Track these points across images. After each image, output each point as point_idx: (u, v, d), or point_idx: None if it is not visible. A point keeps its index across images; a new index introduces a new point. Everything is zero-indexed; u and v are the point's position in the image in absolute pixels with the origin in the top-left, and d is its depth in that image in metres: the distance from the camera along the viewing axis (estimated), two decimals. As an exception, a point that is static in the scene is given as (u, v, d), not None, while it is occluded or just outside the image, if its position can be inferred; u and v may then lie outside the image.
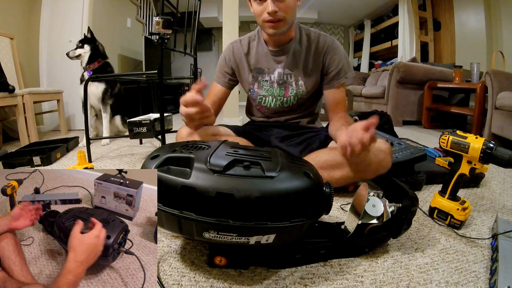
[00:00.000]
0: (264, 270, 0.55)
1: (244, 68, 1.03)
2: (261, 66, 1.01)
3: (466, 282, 0.52)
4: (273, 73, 0.99)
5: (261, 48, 1.00)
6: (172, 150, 0.50)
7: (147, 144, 1.87)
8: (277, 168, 0.46)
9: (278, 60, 0.99)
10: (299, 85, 0.99)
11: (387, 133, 1.26)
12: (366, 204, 0.57)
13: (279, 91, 1.01)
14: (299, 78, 0.99)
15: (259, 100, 1.04)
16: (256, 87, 1.03)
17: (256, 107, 1.09)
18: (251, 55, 1.01)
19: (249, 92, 1.06)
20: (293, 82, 0.99)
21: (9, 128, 2.14)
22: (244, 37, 1.04)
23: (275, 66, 0.99)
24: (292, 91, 1.00)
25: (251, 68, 1.02)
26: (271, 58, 0.99)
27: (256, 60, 1.01)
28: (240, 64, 1.03)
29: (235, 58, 1.03)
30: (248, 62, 1.02)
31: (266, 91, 1.02)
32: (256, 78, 1.02)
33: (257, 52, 1.00)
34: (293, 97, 1.01)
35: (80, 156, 1.22)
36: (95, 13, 2.59)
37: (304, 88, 0.99)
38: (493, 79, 1.75)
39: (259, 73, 1.01)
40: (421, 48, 3.99)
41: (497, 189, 1.02)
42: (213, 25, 5.77)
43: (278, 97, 1.02)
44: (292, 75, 0.99)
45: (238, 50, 1.03)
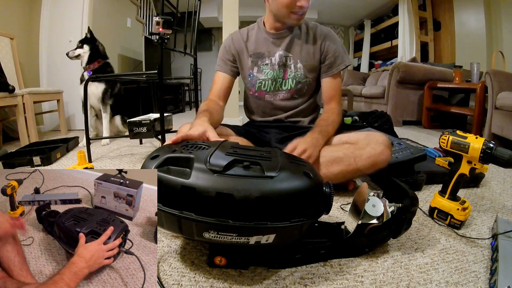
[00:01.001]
0: (264, 270, 0.55)
1: (243, 54, 1.04)
2: (261, 51, 1.02)
3: (466, 282, 0.52)
4: (273, 55, 1.01)
5: (260, 34, 1.03)
6: (172, 150, 0.50)
7: (147, 144, 1.87)
8: (277, 168, 0.46)
9: (278, 43, 1.01)
10: (297, 67, 1.01)
11: (387, 133, 1.26)
12: (366, 204, 0.57)
13: (278, 72, 1.02)
14: (298, 61, 1.00)
15: (258, 84, 1.04)
16: (255, 71, 1.04)
17: (255, 94, 1.07)
18: (250, 41, 1.04)
19: (249, 78, 1.06)
20: (292, 65, 1.01)
21: (9, 128, 2.14)
22: (243, 29, 1.08)
23: (275, 49, 1.01)
24: (290, 73, 1.01)
25: (250, 54, 1.04)
26: (270, 42, 1.01)
27: (255, 45, 1.03)
28: (240, 50, 1.05)
29: (235, 45, 1.05)
30: (247, 48, 1.04)
31: (265, 75, 1.03)
32: (255, 63, 1.03)
33: (256, 38, 1.03)
34: (291, 80, 1.02)
35: (80, 156, 1.22)
36: (95, 13, 2.59)
37: (302, 71, 1.00)
38: (493, 79, 1.75)
39: (259, 57, 1.03)
40: (421, 48, 3.99)
41: (497, 189, 1.02)
42: (213, 25, 5.78)
43: (277, 79, 1.03)
44: (291, 58, 1.01)
45: (237, 38, 1.05)
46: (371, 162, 0.82)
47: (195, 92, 2.33)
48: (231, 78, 1.06)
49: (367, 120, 1.85)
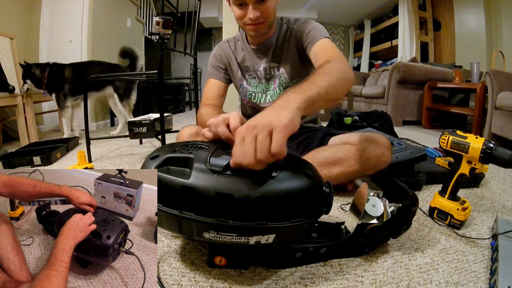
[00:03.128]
0: (264, 270, 0.55)
1: (234, 63, 1.04)
2: (246, 64, 1.02)
3: (466, 282, 0.52)
4: (258, 69, 1.01)
5: (244, 47, 1.02)
6: (172, 150, 0.50)
7: (147, 144, 1.87)
8: (277, 168, 0.46)
9: (261, 56, 1.00)
10: (280, 74, 1.00)
11: (387, 133, 1.26)
12: (366, 204, 0.57)
13: (268, 85, 1.02)
14: (280, 68, 1.00)
15: (249, 96, 1.05)
16: (245, 83, 1.04)
17: (248, 104, 1.08)
18: (237, 53, 1.03)
19: (240, 88, 1.06)
20: (278, 74, 1.00)
21: (9, 128, 2.14)
22: (230, 38, 1.07)
23: (259, 62, 1.00)
24: (277, 82, 1.01)
25: (239, 65, 1.03)
26: (254, 56, 1.00)
27: (242, 58, 1.02)
28: (230, 60, 1.04)
29: (225, 54, 1.05)
30: (236, 59, 1.03)
31: (254, 88, 1.03)
32: (243, 75, 1.04)
33: (241, 50, 1.03)
34: (278, 88, 1.01)
35: (80, 156, 1.22)
36: (95, 13, 2.59)
37: (286, 75, 0.99)
38: (493, 79, 1.75)
39: (246, 70, 1.03)
40: (421, 48, 3.99)
41: (497, 189, 1.02)
42: (213, 25, 5.78)
43: (267, 91, 1.02)
44: (275, 68, 1.00)
45: (226, 48, 1.05)
46: (372, 164, 0.82)
47: (195, 92, 2.33)
48: (225, 85, 1.04)
49: (367, 120, 1.85)
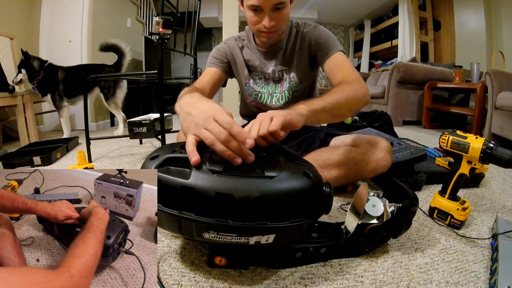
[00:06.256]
0: (264, 270, 0.55)
1: (240, 61, 1.02)
2: (254, 64, 1.01)
3: (466, 282, 0.52)
4: (267, 71, 1.00)
5: (252, 48, 1.00)
6: (171, 151, 0.50)
7: (147, 144, 1.87)
8: (277, 168, 0.46)
9: (270, 59, 0.99)
10: (291, 77, 0.99)
11: (387, 133, 1.26)
12: (366, 204, 0.57)
13: (275, 88, 1.01)
14: (291, 72, 0.99)
15: (254, 96, 1.04)
16: (251, 82, 1.03)
17: (252, 103, 1.07)
18: (244, 52, 1.02)
19: (245, 87, 1.05)
20: (287, 77, 1.00)
21: (9, 128, 2.14)
22: (235, 36, 1.05)
23: (268, 64, 0.99)
24: (286, 85, 1.00)
25: (246, 63, 1.01)
26: (262, 58, 0.99)
27: (249, 58, 1.01)
28: (236, 56, 1.02)
29: (231, 50, 1.02)
30: (243, 56, 1.01)
31: (261, 88, 1.02)
32: (250, 74, 1.02)
33: (249, 50, 1.01)
34: (287, 91, 1.00)
35: (80, 156, 1.22)
36: (95, 13, 2.59)
37: (296, 79, 0.98)
38: (493, 79, 1.75)
39: (253, 70, 1.02)
40: (421, 48, 3.99)
41: (497, 189, 1.02)
42: (213, 25, 5.77)
43: (274, 94, 1.01)
44: (285, 71, 0.99)
45: (233, 44, 1.02)
46: (372, 167, 0.81)
47: (195, 92, 2.32)
48: (223, 75, 1.00)
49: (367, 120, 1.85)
